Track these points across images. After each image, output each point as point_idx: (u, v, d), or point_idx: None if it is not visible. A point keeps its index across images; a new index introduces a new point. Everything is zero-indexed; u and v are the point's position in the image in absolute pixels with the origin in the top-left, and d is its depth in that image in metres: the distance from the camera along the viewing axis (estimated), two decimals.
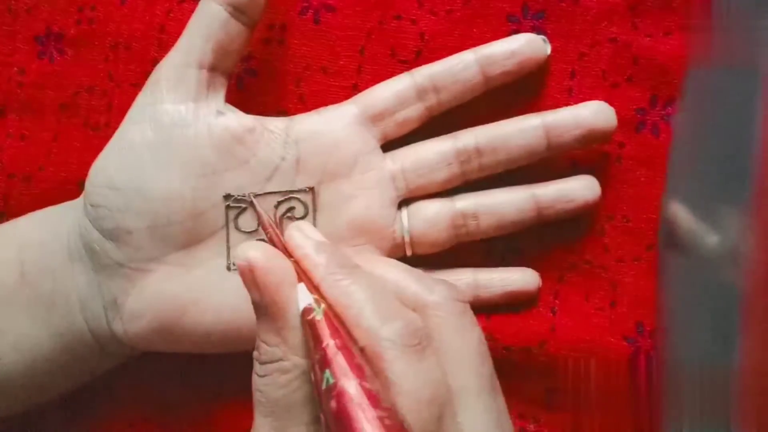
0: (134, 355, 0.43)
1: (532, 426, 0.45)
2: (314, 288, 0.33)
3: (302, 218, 0.41)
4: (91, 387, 0.45)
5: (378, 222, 0.41)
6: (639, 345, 0.43)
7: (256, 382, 0.34)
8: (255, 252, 0.33)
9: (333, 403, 0.29)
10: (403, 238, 0.42)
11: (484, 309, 0.43)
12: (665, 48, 0.43)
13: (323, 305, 0.32)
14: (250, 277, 0.33)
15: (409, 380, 0.31)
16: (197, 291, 0.40)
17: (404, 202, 0.42)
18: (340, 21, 0.44)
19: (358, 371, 0.30)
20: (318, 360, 0.31)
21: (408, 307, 0.34)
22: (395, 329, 0.31)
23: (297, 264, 0.34)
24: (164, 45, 0.44)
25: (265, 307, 0.33)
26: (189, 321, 0.40)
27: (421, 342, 0.32)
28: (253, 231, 0.40)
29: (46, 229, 0.42)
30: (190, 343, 0.41)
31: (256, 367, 0.34)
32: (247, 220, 0.40)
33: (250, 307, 0.39)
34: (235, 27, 0.39)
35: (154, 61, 0.40)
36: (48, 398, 0.44)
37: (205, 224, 0.40)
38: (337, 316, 0.32)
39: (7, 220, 0.44)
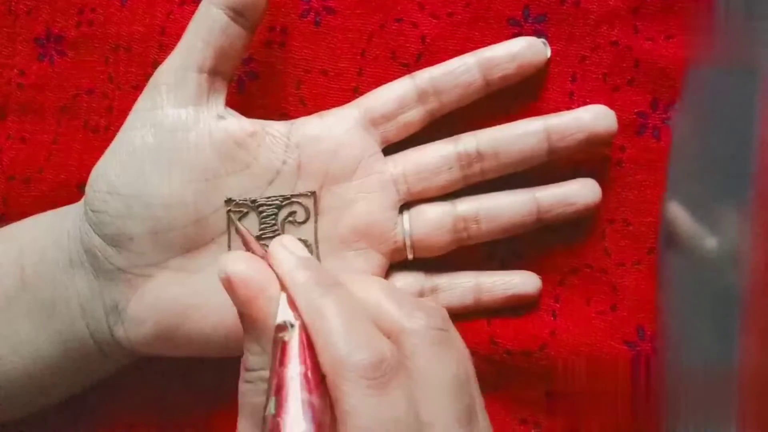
0: (136, 359, 0.43)
1: (533, 431, 0.45)
2: (293, 304, 0.33)
3: (304, 222, 0.41)
4: (92, 389, 0.45)
5: (379, 226, 0.41)
6: (639, 349, 0.43)
7: (241, 387, 0.34)
8: (233, 264, 0.33)
9: None
10: (404, 241, 0.42)
11: (485, 312, 0.43)
12: (666, 51, 0.42)
13: (298, 323, 0.32)
14: (229, 289, 0.33)
15: (364, 416, 0.30)
16: (199, 296, 0.40)
17: (405, 206, 0.42)
18: (341, 24, 0.44)
19: (309, 407, 0.30)
20: (271, 383, 0.31)
21: (385, 331, 0.33)
22: (359, 360, 0.31)
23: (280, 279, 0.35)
24: (165, 47, 0.44)
25: (245, 318, 0.34)
26: (191, 326, 0.40)
27: (384, 375, 0.31)
28: (256, 237, 0.40)
29: (47, 234, 0.42)
30: (191, 347, 0.41)
31: (242, 373, 0.34)
32: (249, 225, 0.40)
33: None
34: (236, 31, 0.39)
35: (155, 64, 0.40)
36: (50, 402, 0.44)
37: (207, 229, 0.40)
38: (309, 337, 0.32)
39: (7, 222, 0.44)
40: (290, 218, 0.41)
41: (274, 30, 0.44)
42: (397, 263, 0.43)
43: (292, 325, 0.32)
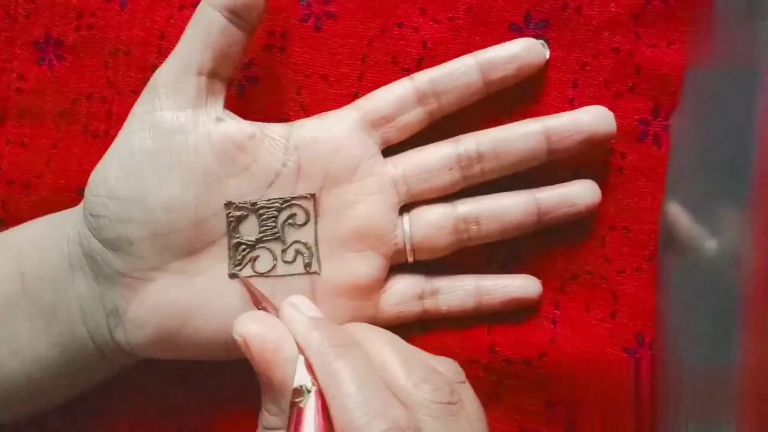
0: (135, 362, 0.43)
1: None
2: (310, 367, 0.34)
3: (304, 225, 0.41)
4: (92, 391, 0.44)
5: (379, 227, 0.41)
6: (639, 356, 0.43)
7: None
8: (248, 325, 0.35)
9: None
10: (404, 243, 0.42)
11: (485, 316, 0.43)
12: (668, 58, 0.43)
13: (314, 389, 0.33)
14: (246, 351, 0.35)
15: None
16: (199, 299, 0.40)
17: (405, 208, 0.42)
18: (341, 29, 0.44)
19: None
20: None
21: (396, 395, 0.34)
22: (377, 431, 0.31)
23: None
24: (164, 51, 0.44)
25: (263, 379, 0.35)
26: (191, 329, 0.40)
27: None
28: (256, 239, 0.40)
29: (46, 238, 0.41)
30: (192, 350, 0.41)
31: (259, 430, 0.35)
32: (249, 228, 0.40)
33: None
34: (234, 33, 0.39)
35: (154, 68, 0.40)
36: (50, 405, 0.44)
37: (207, 232, 0.40)
38: (324, 402, 0.33)
39: (6, 226, 0.44)
40: (290, 220, 0.40)
41: (274, 35, 0.44)
42: (398, 266, 0.43)
43: (308, 390, 0.33)
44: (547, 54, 0.43)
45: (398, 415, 0.32)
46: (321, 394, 0.33)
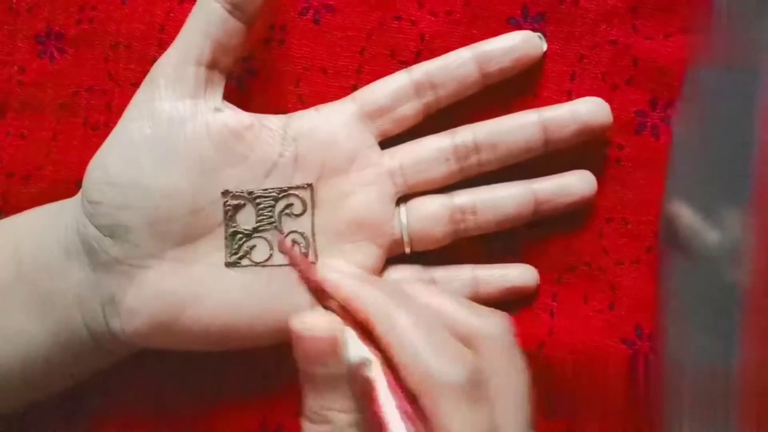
0: (132, 352, 0.43)
1: (531, 430, 0.44)
2: (363, 331, 0.33)
3: (301, 215, 0.41)
4: (90, 386, 0.44)
5: (377, 218, 0.41)
6: (637, 348, 0.43)
7: None
8: (330, 322, 0.34)
9: None
10: (401, 234, 0.42)
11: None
12: (665, 50, 0.43)
13: (375, 356, 0.32)
14: (328, 349, 0.34)
15: (463, 430, 0.31)
16: (196, 287, 0.40)
17: (402, 199, 0.42)
18: (340, 21, 0.44)
19: None
20: (371, 422, 0.31)
21: (459, 339, 0.34)
22: (457, 377, 0.31)
23: (341, 307, 0.35)
24: (164, 45, 0.44)
25: (316, 376, 0.34)
26: (188, 317, 0.40)
27: (480, 389, 0.32)
28: (253, 229, 0.40)
29: (43, 226, 0.41)
30: (189, 340, 0.40)
31: (306, 427, 0.35)
32: (246, 217, 0.40)
33: (250, 303, 0.40)
34: (234, 24, 0.39)
35: (154, 61, 0.40)
36: (45, 396, 0.44)
37: (204, 220, 0.40)
38: (389, 359, 0.32)
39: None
40: (287, 210, 0.41)
41: (273, 28, 0.44)
42: (395, 257, 0.43)
43: (370, 361, 0.32)
44: (545, 46, 0.43)
45: (471, 358, 0.32)
46: (383, 356, 0.32)
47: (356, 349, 0.32)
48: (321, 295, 0.36)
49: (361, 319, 0.34)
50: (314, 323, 0.34)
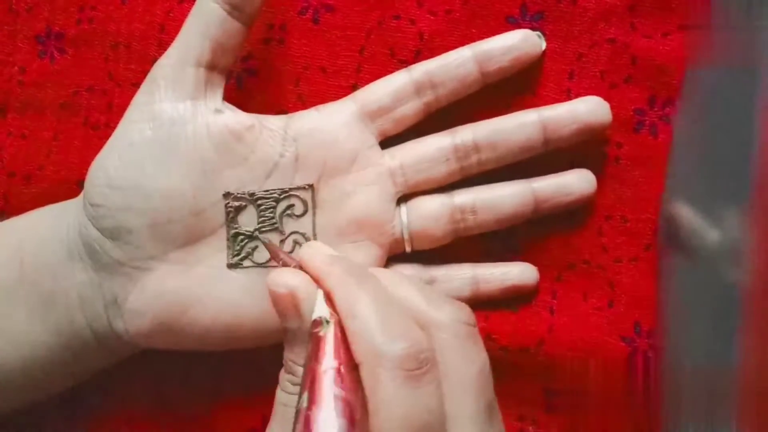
0: (134, 353, 0.43)
1: (531, 428, 0.45)
2: (329, 301, 0.33)
3: (302, 215, 0.41)
4: (91, 385, 0.45)
5: (377, 218, 0.41)
6: (636, 345, 0.43)
7: (281, 397, 0.35)
8: (294, 279, 0.34)
9: (299, 427, 0.30)
10: (402, 233, 0.42)
11: (483, 305, 0.43)
12: (664, 48, 0.43)
13: (333, 319, 0.32)
14: (290, 304, 0.34)
15: (399, 407, 0.30)
16: (198, 288, 0.40)
17: (403, 198, 0.42)
18: (339, 21, 0.44)
19: (342, 402, 0.30)
20: (304, 378, 0.31)
21: (416, 321, 0.33)
22: (397, 350, 0.31)
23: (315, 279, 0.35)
24: (164, 45, 0.44)
25: (299, 333, 0.34)
26: (190, 318, 0.40)
27: (421, 367, 0.31)
28: (254, 230, 0.40)
29: (46, 228, 0.42)
30: (191, 340, 0.41)
31: (284, 384, 0.35)
32: (247, 218, 0.40)
33: (251, 303, 0.40)
34: (233, 25, 0.39)
35: (154, 61, 0.40)
36: (47, 395, 0.44)
37: (206, 222, 0.40)
38: (344, 329, 0.32)
39: (8, 218, 0.44)
40: (288, 211, 0.41)
41: (272, 27, 0.44)
42: (395, 256, 0.43)
43: (327, 321, 0.32)
44: (543, 45, 0.43)
45: (420, 337, 0.32)
46: (340, 325, 0.32)
47: (320, 309, 0.33)
48: None
49: (326, 290, 0.34)
50: (282, 280, 0.34)
